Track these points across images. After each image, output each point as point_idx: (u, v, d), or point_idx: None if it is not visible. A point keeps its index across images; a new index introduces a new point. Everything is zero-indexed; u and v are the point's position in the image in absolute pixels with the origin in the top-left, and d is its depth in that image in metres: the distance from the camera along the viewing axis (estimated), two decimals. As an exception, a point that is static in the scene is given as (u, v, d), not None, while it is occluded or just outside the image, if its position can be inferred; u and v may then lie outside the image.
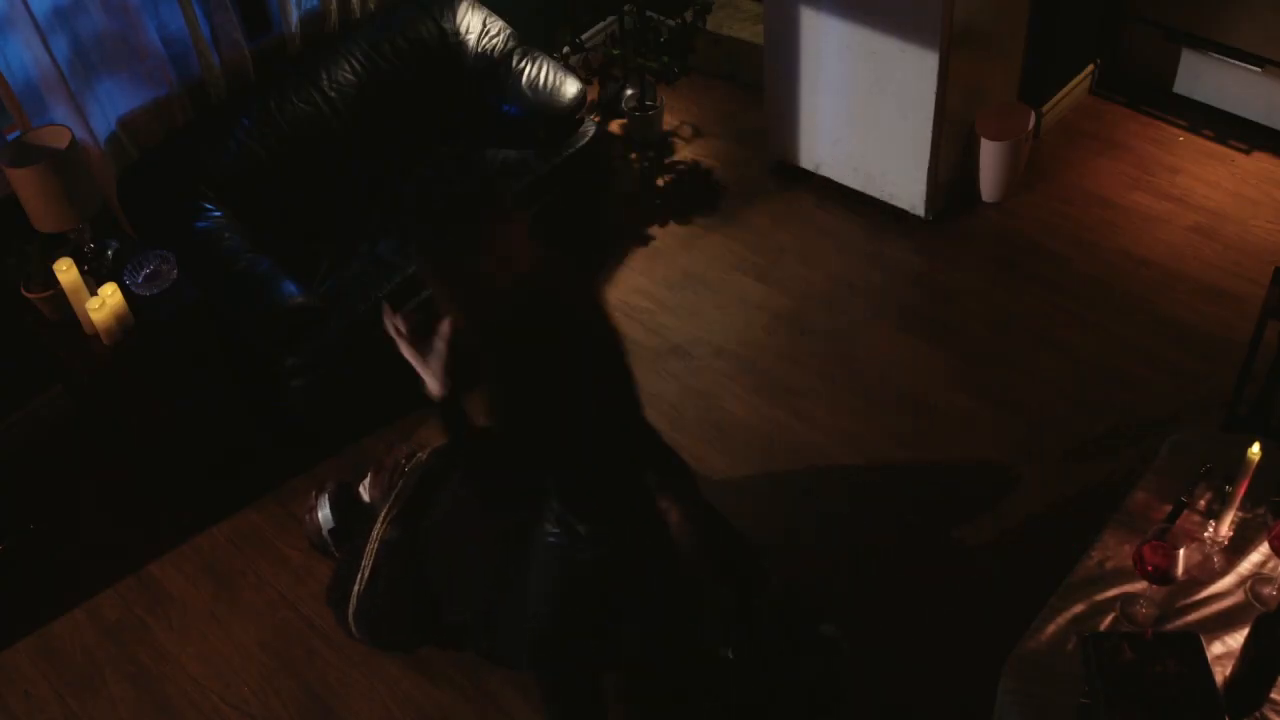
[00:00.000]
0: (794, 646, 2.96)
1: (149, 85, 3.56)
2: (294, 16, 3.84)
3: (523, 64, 4.04)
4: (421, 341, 2.26)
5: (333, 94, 3.80)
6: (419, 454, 3.23)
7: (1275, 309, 2.81)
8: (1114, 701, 2.08)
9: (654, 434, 2.53)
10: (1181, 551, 2.18)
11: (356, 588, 3.05)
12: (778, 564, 3.26)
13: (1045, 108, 4.51)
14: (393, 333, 2.31)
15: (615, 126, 4.89)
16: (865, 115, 4.09)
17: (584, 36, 4.89)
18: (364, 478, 3.37)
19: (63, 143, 3.14)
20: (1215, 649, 2.21)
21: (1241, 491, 2.34)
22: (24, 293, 3.25)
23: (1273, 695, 2.12)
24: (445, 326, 2.21)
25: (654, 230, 4.39)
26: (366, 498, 3.33)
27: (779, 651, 2.90)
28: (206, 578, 3.41)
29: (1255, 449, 2.28)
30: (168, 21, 3.58)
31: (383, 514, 3.07)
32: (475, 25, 4.10)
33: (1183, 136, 4.50)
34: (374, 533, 3.05)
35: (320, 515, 3.31)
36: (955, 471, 3.45)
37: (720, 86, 5.04)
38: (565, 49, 4.57)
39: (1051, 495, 3.35)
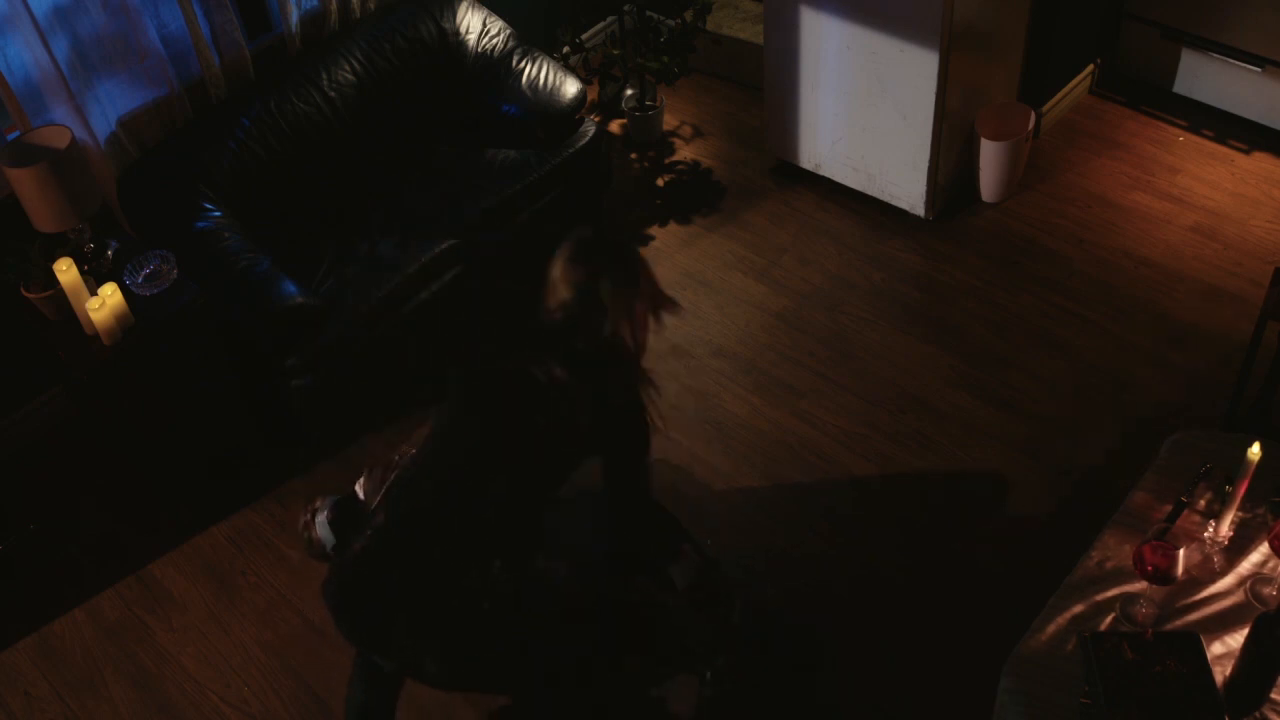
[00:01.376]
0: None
1: (149, 85, 3.56)
2: (294, 16, 3.84)
3: (523, 64, 4.04)
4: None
5: (333, 94, 3.80)
6: (413, 451, 3.21)
7: (1275, 309, 2.81)
8: (1114, 701, 2.08)
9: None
10: (1181, 551, 2.18)
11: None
12: (777, 564, 3.27)
13: (1045, 108, 4.51)
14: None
15: (615, 126, 4.90)
16: (865, 115, 4.09)
17: (584, 36, 4.90)
18: (359, 478, 3.35)
19: (63, 143, 3.14)
20: (1215, 649, 2.21)
21: (1241, 491, 2.34)
22: (24, 293, 3.25)
23: (1273, 695, 2.12)
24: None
25: (654, 230, 4.39)
26: (361, 495, 3.30)
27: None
28: (206, 578, 3.41)
29: (1255, 449, 2.28)
30: (168, 21, 3.58)
31: (375, 506, 3.04)
32: (475, 25, 4.10)
33: (1183, 136, 4.50)
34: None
35: (321, 534, 3.24)
36: (955, 471, 3.45)
37: (720, 86, 5.04)
38: (565, 49, 4.58)
39: (1051, 495, 3.35)
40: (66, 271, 3.14)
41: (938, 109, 3.88)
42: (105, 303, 3.13)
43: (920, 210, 4.22)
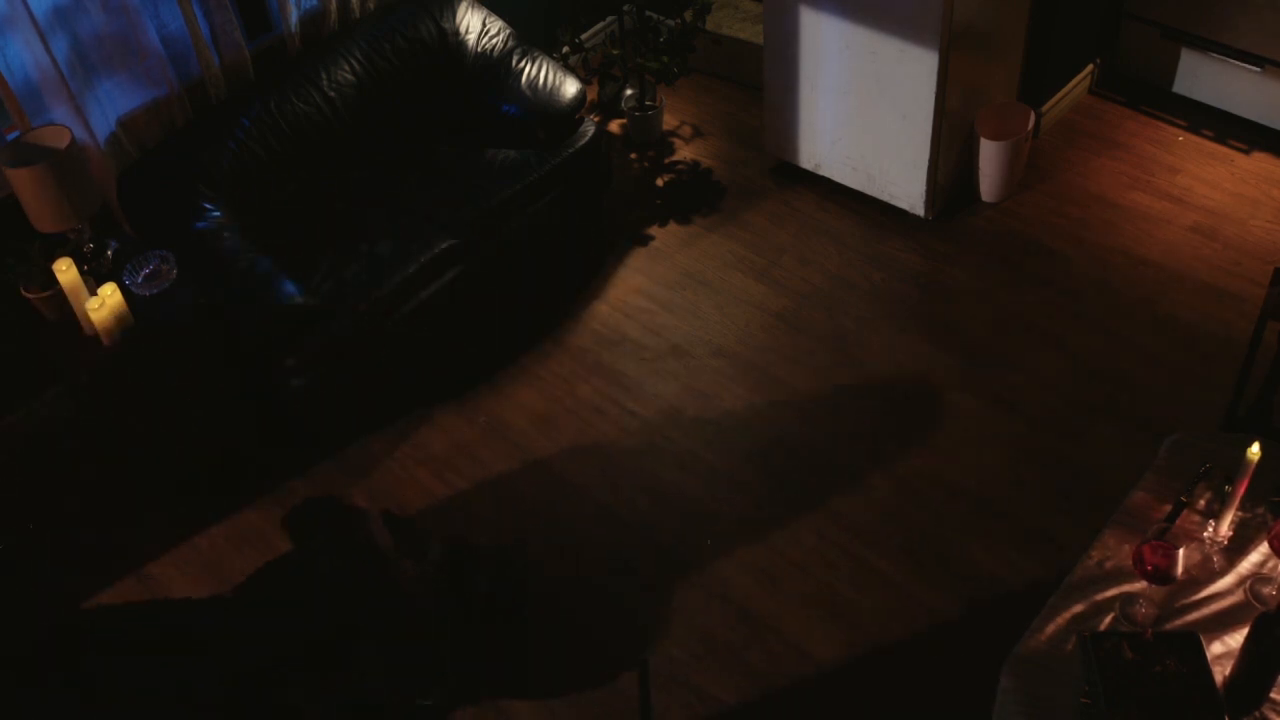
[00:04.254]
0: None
1: (149, 85, 3.56)
2: (294, 16, 3.84)
3: (522, 64, 4.04)
4: None
5: (333, 94, 3.80)
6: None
7: (1275, 309, 2.81)
8: (1114, 701, 2.08)
9: None
10: (1181, 551, 2.18)
11: None
12: (777, 564, 3.27)
13: (1045, 108, 4.51)
14: None
15: (615, 126, 4.90)
16: (865, 115, 4.09)
17: (584, 36, 4.90)
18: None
19: (63, 143, 3.14)
20: (1215, 649, 2.21)
21: (1241, 491, 2.34)
22: (24, 293, 3.25)
23: (1273, 695, 2.12)
24: None
25: (654, 230, 4.39)
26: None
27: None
28: (206, 578, 3.40)
29: (1255, 449, 2.28)
30: (168, 21, 3.58)
31: None
32: (475, 25, 4.10)
33: (1182, 136, 4.50)
34: None
35: None
36: (955, 471, 3.45)
37: (720, 86, 5.04)
38: (565, 49, 4.58)
39: (1051, 495, 3.35)
40: (66, 271, 3.14)
41: (937, 109, 3.88)
42: (105, 303, 3.13)
43: (920, 210, 4.22)
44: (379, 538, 3.03)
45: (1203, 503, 2.46)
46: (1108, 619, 2.29)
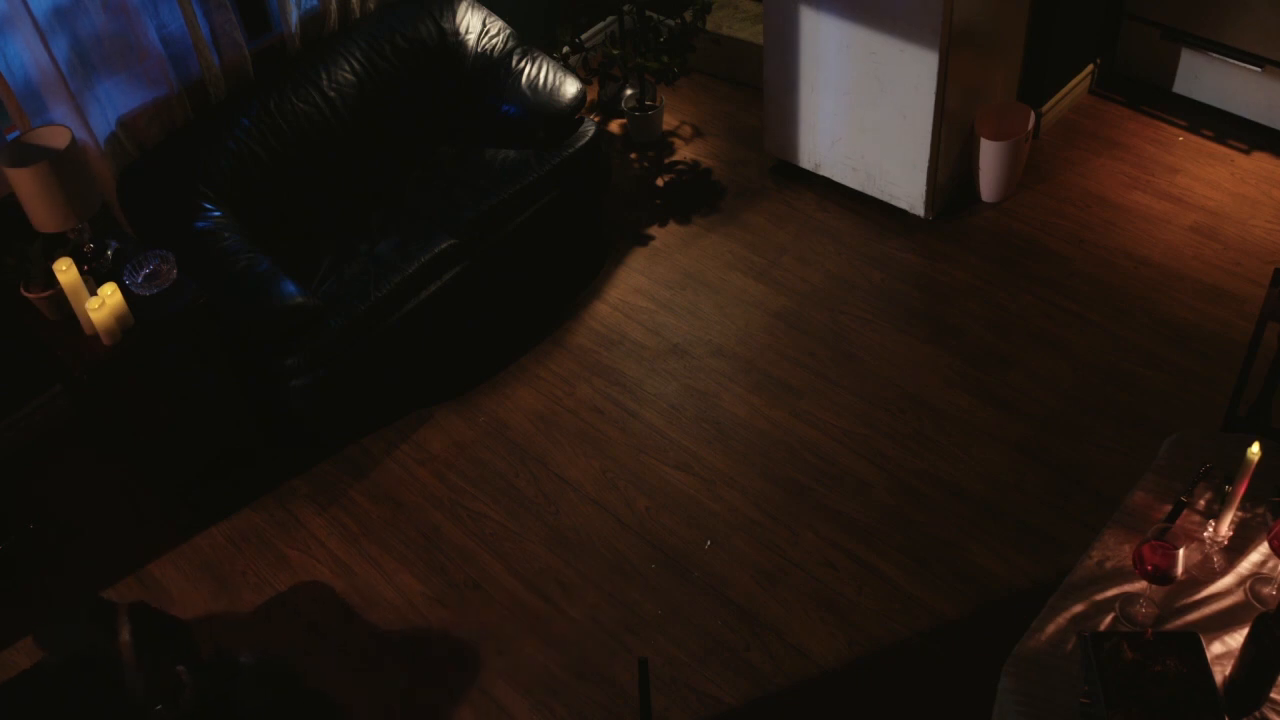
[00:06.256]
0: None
1: (149, 85, 3.56)
2: (294, 16, 3.84)
3: (522, 64, 4.04)
4: None
5: (333, 94, 3.80)
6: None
7: (1275, 309, 2.80)
8: (1114, 701, 2.08)
9: None
10: (1181, 551, 2.18)
11: None
12: (777, 565, 3.27)
13: (1045, 108, 4.51)
14: None
15: (615, 126, 4.90)
16: (865, 115, 4.09)
17: (584, 36, 4.90)
18: None
19: (63, 143, 3.14)
20: (1215, 649, 2.21)
21: (1241, 491, 2.34)
22: (24, 293, 3.25)
23: (1273, 695, 2.12)
24: None
25: (654, 230, 4.39)
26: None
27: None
28: (206, 577, 3.41)
29: (1255, 449, 2.28)
30: (168, 21, 3.58)
31: None
32: (475, 25, 4.10)
33: (1182, 136, 4.51)
34: None
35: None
36: (955, 471, 3.45)
37: (720, 86, 5.05)
38: (565, 49, 4.58)
39: (1051, 495, 3.35)
40: (66, 271, 3.14)
41: (937, 109, 3.89)
42: (105, 303, 3.13)
43: (920, 210, 4.22)
44: (128, 671, 2.53)
45: (1203, 503, 2.46)
46: (1108, 619, 2.29)
